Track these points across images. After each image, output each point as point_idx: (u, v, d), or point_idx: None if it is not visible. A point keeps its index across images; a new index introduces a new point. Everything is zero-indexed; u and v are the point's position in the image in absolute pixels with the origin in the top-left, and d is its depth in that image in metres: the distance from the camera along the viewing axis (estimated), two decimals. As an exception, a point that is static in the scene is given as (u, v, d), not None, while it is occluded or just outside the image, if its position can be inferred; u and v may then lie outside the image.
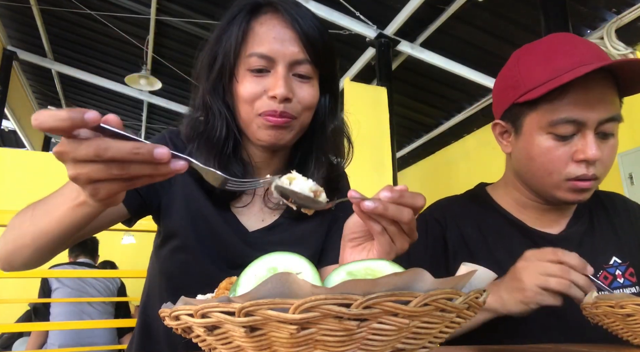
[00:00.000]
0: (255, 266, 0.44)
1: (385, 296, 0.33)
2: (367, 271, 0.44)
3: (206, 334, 0.38)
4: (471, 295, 0.38)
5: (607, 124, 0.84)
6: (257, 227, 0.86)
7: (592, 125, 0.84)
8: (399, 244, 0.57)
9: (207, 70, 0.83)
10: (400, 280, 0.34)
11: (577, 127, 0.84)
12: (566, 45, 0.88)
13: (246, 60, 0.78)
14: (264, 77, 0.77)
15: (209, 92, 0.82)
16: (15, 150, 6.69)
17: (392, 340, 0.35)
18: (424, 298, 0.34)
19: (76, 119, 0.40)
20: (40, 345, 2.76)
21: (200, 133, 0.82)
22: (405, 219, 0.54)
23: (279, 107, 0.76)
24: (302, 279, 0.33)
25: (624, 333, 0.63)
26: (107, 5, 4.85)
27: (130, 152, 0.42)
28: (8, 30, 5.66)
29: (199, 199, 0.83)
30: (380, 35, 4.37)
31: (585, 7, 3.81)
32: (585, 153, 0.83)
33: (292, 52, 0.77)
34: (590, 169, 0.85)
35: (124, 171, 0.43)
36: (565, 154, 0.86)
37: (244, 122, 0.80)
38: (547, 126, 0.86)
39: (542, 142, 0.87)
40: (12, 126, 7.25)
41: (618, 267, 0.93)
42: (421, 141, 6.53)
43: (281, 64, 0.77)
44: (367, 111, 4.12)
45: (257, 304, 0.33)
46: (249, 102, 0.77)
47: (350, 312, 0.32)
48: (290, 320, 0.32)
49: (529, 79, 0.88)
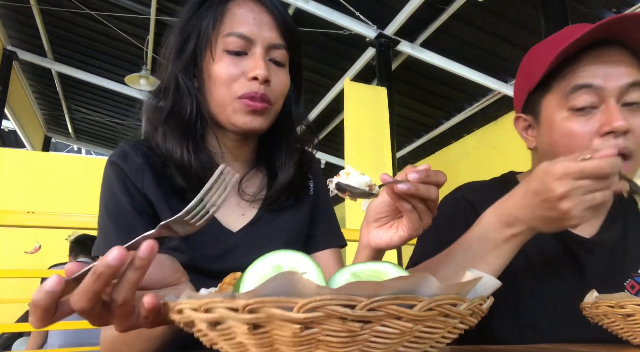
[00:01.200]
0: (260, 263, 0.44)
1: (391, 299, 0.33)
2: (372, 272, 0.44)
3: (209, 329, 0.37)
4: (475, 302, 0.38)
5: (632, 92, 0.77)
6: (240, 224, 0.84)
7: (614, 93, 0.77)
8: (426, 220, 0.62)
9: (178, 50, 0.81)
10: (406, 283, 0.34)
11: (596, 96, 0.78)
12: (577, 29, 0.83)
13: (223, 40, 0.77)
14: (241, 60, 0.77)
15: (181, 72, 0.79)
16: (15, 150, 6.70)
17: (394, 343, 0.35)
18: (429, 303, 0.34)
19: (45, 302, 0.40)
20: (40, 345, 2.75)
21: (167, 116, 0.79)
22: (433, 196, 0.59)
23: (260, 89, 0.75)
24: (307, 279, 0.33)
25: (624, 333, 0.63)
26: (107, 5, 4.85)
27: (94, 280, 0.41)
28: (8, 30, 5.66)
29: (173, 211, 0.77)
30: (380, 35, 4.37)
31: (585, 7, 3.81)
32: (610, 124, 0.75)
33: (270, 36, 0.78)
34: (620, 141, 0.76)
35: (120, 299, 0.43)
36: (589, 129, 0.78)
37: (218, 105, 0.78)
38: (564, 102, 0.81)
39: (562, 122, 0.81)
40: (12, 126, 7.25)
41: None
42: (421, 141, 6.53)
43: (259, 46, 0.77)
44: (367, 111, 4.12)
45: (262, 301, 0.33)
46: (226, 84, 0.76)
47: (355, 314, 0.32)
48: (295, 319, 0.32)
49: (540, 65, 0.84)
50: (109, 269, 0.41)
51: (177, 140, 0.77)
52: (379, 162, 4.00)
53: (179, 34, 0.81)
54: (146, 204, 0.77)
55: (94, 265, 0.41)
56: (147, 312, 0.43)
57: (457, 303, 0.36)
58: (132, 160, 0.79)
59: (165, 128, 0.79)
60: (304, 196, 0.92)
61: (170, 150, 0.77)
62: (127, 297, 0.43)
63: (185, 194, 0.79)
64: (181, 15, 0.83)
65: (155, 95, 0.83)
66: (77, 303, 0.42)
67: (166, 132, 0.78)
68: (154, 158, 0.81)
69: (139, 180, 0.78)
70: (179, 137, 0.78)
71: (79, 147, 9.17)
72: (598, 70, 0.79)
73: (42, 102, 7.62)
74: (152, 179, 0.78)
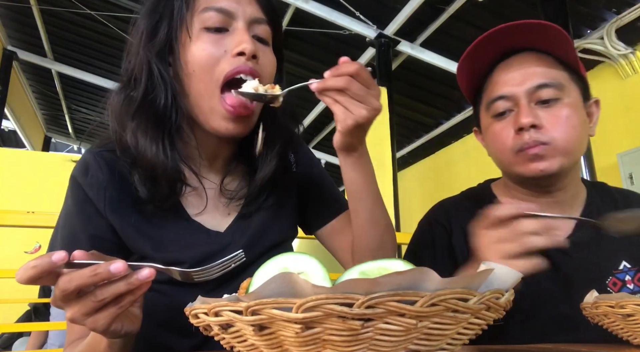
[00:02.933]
0: (267, 266, 0.45)
1: (389, 296, 0.32)
2: (380, 270, 0.43)
3: (222, 332, 0.39)
4: (486, 295, 0.36)
5: (540, 92, 0.86)
6: (227, 223, 0.79)
7: (523, 96, 0.87)
8: (355, 111, 0.64)
9: (149, 34, 0.72)
10: (403, 279, 0.34)
11: (511, 101, 0.89)
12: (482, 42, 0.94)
13: (200, 17, 0.69)
14: (223, 37, 0.69)
15: (153, 57, 0.70)
16: (15, 150, 6.69)
17: (403, 341, 0.35)
18: (431, 298, 0.33)
19: (43, 265, 0.45)
20: (40, 345, 2.75)
21: (138, 109, 0.70)
22: (339, 85, 0.62)
23: (247, 65, 0.68)
24: (303, 279, 0.33)
25: (624, 333, 0.63)
26: (107, 5, 4.85)
27: (91, 275, 0.46)
28: (8, 30, 5.66)
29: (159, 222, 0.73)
30: (380, 35, 4.37)
31: (585, 7, 3.81)
32: (517, 121, 0.86)
33: (251, 9, 0.72)
34: (532, 134, 0.85)
35: (101, 297, 0.47)
36: (506, 128, 0.89)
37: (197, 98, 0.70)
38: (488, 111, 0.93)
39: (489, 127, 0.94)
40: (12, 126, 7.25)
41: (628, 273, 0.89)
42: (421, 141, 6.52)
43: (241, 20, 0.70)
44: (367, 111, 4.11)
45: (262, 303, 0.33)
46: (207, 67, 0.68)
47: (353, 312, 0.32)
48: (294, 319, 0.32)
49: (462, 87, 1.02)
50: (107, 274, 0.46)
51: (150, 135, 0.69)
52: (379, 162, 3.99)
53: (149, 15, 0.73)
54: (105, 228, 0.71)
55: (98, 263, 0.46)
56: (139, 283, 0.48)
57: (466, 297, 0.35)
58: (94, 175, 0.72)
59: (135, 123, 0.70)
60: (288, 176, 0.87)
61: (142, 150, 0.69)
62: (106, 298, 0.47)
63: (147, 205, 0.72)
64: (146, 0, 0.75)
65: (123, 86, 0.74)
66: (65, 282, 0.46)
67: (137, 128, 0.70)
68: (120, 166, 0.74)
69: (101, 200, 0.71)
70: (153, 132, 0.69)
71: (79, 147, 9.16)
72: (509, 79, 0.89)
73: (42, 102, 7.61)
74: (117, 197, 0.72)
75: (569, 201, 0.94)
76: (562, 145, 0.85)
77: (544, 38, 0.88)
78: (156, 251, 0.72)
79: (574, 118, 0.87)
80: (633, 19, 3.80)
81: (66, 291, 0.46)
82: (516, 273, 0.41)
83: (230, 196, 0.80)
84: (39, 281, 0.46)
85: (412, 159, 7.00)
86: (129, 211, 0.73)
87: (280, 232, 0.84)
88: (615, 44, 3.91)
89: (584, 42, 4.03)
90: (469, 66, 0.95)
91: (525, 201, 0.95)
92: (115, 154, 0.75)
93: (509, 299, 0.39)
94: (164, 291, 0.72)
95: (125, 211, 0.72)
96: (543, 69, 0.88)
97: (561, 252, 0.88)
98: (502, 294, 0.38)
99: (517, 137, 0.87)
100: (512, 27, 0.88)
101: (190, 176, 0.75)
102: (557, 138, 0.85)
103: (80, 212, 0.72)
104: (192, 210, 0.77)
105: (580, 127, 0.87)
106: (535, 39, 0.89)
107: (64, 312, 0.55)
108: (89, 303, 0.47)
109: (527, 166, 0.86)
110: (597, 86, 4.13)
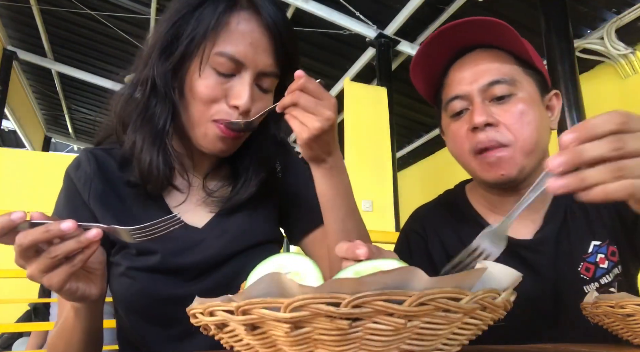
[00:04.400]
0: (262, 266, 0.45)
1: (375, 295, 0.32)
2: (375, 270, 0.42)
3: (219, 332, 0.39)
4: (479, 295, 0.36)
5: (493, 89, 0.85)
6: (206, 219, 0.81)
7: (477, 94, 0.86)
8: (308, 123, 0.66)
9: (162, 51, 0.74)
10: (390, 278, 0.33)
11: (465, 100, 0.87)
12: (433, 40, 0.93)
13: (214, 58, 0.71)
14: (228, 80, 0.72)
15: (160, 76, 0.73)
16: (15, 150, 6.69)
17: (394, 340, 0.34)
18: (419, 297, 0.33)
19: (3, 222, 0.51)
20: (40, 345, 2.75)
21: (141, 113, 0.75)
22: (289, 100, 0.66)
23: (238, 118, 0.72)
24: (290, 279, 0.34)
25: (624, 333, 0.63)
26: (107, 5, 4.85)
27: (43, 231, 0.52)
28: (8, 30, 5.66)
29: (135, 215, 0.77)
30: (380, 35, 4.37)
31: (585, 7, 3.81)
32: (471, 121, 0.84)
33: (264, 63, 0.73)
34: (489, 133, 0.82)
35: (53, 254, 0.53)
36: (463, 128, 0.87)
37: (191, 122, 0.74)
38: (447, 112, 0.92)
39: (447, 128, 0.92)
40: (12, 126, 7.26)
41: (598, 252, 0.88)
42: (421, 141, 6.53)
43: (250, 72, 0.72)
44: (367, 111, 4.12)
45: (251, 303, 0.33)
46: (205, 103, 0.72)
47: (340, 312, 0.32)
48: (282, 319, 0.33)
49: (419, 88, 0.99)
50: (58, 232, 0.52)
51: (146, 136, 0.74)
52: (379, 162, 4.00)
53: (169, 27, 0.73)
54: (89, 219, 0.76)
55: (50, 223, 0.53)
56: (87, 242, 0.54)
57: (457, 297, 0.34)
58: (83, 169, 0.79)
59: (132, 122, 0.75)
60: (271, 180, 0.88)
61: (137, 148, 0.74)
62: (58, 254, 0.53)
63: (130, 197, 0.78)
64: (174, 3, 0.75)
65: (130, 85, 0.78)
66: (20, 237, 0.52)
67: (134, 127, 0.75)
68: (110, 163, 0.80)
69: (86, 191, 0.77)
70: (149, 133, 0.74)
71: (79, 147, 9.17)
72: (463, 78, 0.88)
73: (42, 102, 7.62)
74: (101, 189, 0.77)
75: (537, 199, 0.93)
76: (520, 145, 0.83)
77: (492, 35, 0.88)
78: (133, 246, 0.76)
79: (530, 113, 0.84)
80: (633, 19, 3.81)
81: (22, 245, 0.52)
82: (515, 273, 0.40)
83: (210, 193, 0.82)
84: (2, 238, 0.52)
85: (412, 159, 7.00)
86: (111, 202, 0.78)
87: (260, 234, 0.84)
88: (615, 44, 3.92)
89: (584, 42, 4.03)
90: (422, 67, 0.93)
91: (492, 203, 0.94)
92: (107, 152, 0.81)
93: (508, 299, 0.38)
94: (139, 278, 0.75)
95: (108, 202, 0.77)
96: (495, 65, 0.87)
97: (530, 251, 0.87)
98: (498, 294, 0.37)
99: (472, 136, 0.85)
100: (460, 25, 0.88)
101: (178, 171, 0.80)
102: (515, 138, 0.82)
103: (68, 203, 0.78)
104: (172, 202, 0.81)
105: (537, 121, 0.85)
106: (484, 36, 0.88)
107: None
108: (44, 260, 0.53)
109: (488, 172, 0.85)
110: (597, 86, 4.15)
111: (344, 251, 0.54)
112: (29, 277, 0.55)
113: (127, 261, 0.75)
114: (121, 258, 0.76)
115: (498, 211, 0.94)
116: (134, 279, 0.74)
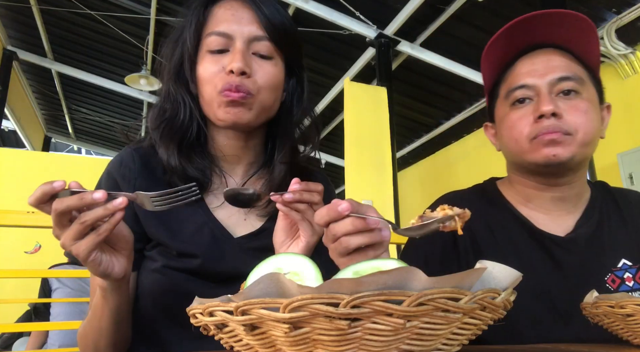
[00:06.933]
0: (262, 266, 0.46)
1: (374, 295, 0.32)
2: (375, 270, 0.42)
3: (218, 332, 0.39)
4: (479, 295, 0.35)
5: (562, 84, 0.89)
6: (243, 231, 0.83)
7: (545, 86, 0.89)
8: (319, 227, 0.68)
9: (169, 58, 0.84)
10: (389, 278, 0.33)
11: (531, 91, 0.90)
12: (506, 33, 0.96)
13: (205, 41, 0.79)
14: (222, 56, 0.78)
15: (172, 80, 0.83)
16: (15, 150, 6.70)
17: (393, 340, 0.34)
18: (418, 297, 0.33)
19: (45, 188, 0.56)
20: (40, 345, 2.75)
21: (164, 120, 0.82)
22: (315, 200, 0.68)
23: (235, 81, 0.76)
24: (289, 279, 0.34)
25: (624, 333, 0.63)
26: (107, 5, 4.85)
27: (78, 199, 0.57)
28: (8, 30, 5.66)
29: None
30: (380, 35, 4.37)
31: (585, 7, 3.81)
32: (538, 109, 0.87)
33: (249, 29, 0.79)
34: (552, 121, 0.86)
35: (83, 219, 0.57)
36: (525, 117, 0.90)
37: (208, 104, 0.80)
38: (507, 100, 0.94)
39: (505, 117, 0.94)
40: (12, 126, 7.25)
41: (628, 270, 0.89)
42: (421, 141, 6.53)
43: (239, 40, 0.78)
44: (367, 111, 4.12)
45: (250, 303, 0.33)
46: (209, 82, 0.78)
47: (339, 312, 0.32)
48: (281, 319, 0.33)
49: (484, 78, 1.02)
50: (90, 200, 0.57)
51: (166, 143, 0.80)
52: (379, 162, 4.00)
53: (171, 42, 0.84)
54: (129, 215, 0.77)
55: (85, 192, 0.58)
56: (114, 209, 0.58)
57: (456, 297, 0.34)
58: (126, 166, 0.82)
59: (161, 130, 0.81)
60: None
61: (162, 154, 0.80)
62: (87, 220, 0.57)
63: None
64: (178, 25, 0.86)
65: (160, 100, 0.86)
66: (57, 202, 0.57)
67: (162, 133, 0.81)
68: (154, 161, 0.83)
69: (130, 188, 0.79)
70: (168, 141, 0.80)
71: (79, 147, 9.17)
72: (534, 70, 0.91)
73: (42, 102, 7.62)
74: (145, 187, 0.75)
75: (573, 199, 0.94)
76: (581, 136, 0.86)
77: (572, 31, 0.91)
78: (173, 240, 0.79)
79: (592, 113, 0.88)
80: (633, 19, 3.80)
81: (57, 210, 0.56)
82: (515, 272, 0.40)
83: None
84: (43, 206, 0.57)
85: (412, 159, 7.00)
86: None
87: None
88: (615, 44, 3.91)
89: (584, 42, 4.03)
90: (492, 54, 0.97)
91: (529, 197, 0.95)
92: (151, 149, 0.84)
93: (508, 298, 0.38)
94: (174, 278, 0.78)
95: None
96: (566, 62, 0.91)
97: (561, 248, 0.89)
98: (498, 294, 0.37)
99: (535, 124, 0.88)
100: (540, 16, 0.90)
101: (215, 174, 0.85)
102: (577, 129, 0.86)
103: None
104: (212, 203, 0.84)
105: (596, 122, 0.89)
106: (562, 33, 0.91)
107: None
108: (75, 226, 0.58)
109: (541, 151, 0.87)
110: (597, 86, 4.15)
111: (325, 213, 0.57)
112: (61, 246, 0.59)
113: (165, 258, 0.78)
114: (158, 254, 0.79)
115: (531, 205, 0.96)
116: (168, 277, 0.78)
